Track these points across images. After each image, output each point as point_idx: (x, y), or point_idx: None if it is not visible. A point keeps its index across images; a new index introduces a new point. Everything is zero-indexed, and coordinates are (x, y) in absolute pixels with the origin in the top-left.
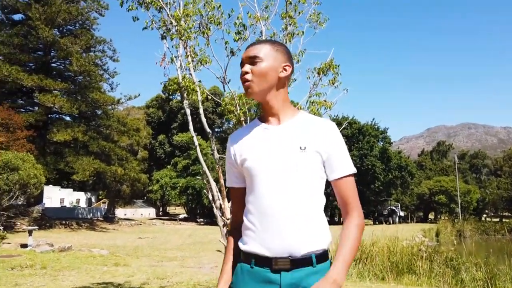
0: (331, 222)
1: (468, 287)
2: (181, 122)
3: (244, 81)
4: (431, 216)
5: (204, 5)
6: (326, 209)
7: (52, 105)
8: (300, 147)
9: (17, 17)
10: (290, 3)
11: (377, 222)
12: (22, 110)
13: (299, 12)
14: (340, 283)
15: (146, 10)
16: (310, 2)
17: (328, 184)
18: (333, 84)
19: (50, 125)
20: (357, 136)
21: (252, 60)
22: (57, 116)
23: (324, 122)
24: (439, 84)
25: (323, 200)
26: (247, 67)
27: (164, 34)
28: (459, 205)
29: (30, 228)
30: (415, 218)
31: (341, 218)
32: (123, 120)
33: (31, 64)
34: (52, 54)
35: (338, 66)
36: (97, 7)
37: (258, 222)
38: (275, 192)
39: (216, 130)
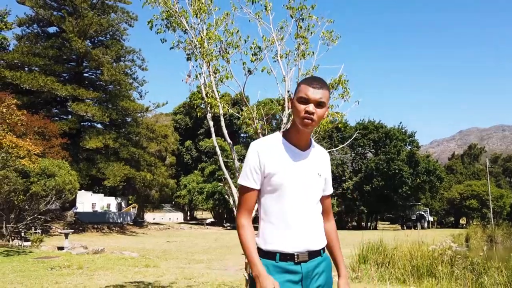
0: (358, 227)
1: None
2: (207, 128)
3: (309, 119)
4: (462, 221)
5: (224, 31)
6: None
7: (84, 114)
8: (318, 174)
9: (51, 29)
10: (301, 27)
11: (405, 227)
12: (56, 118)
13: (311, 32)
14: (348, 275)
15: (173, 31)
16: (324, 21)
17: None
18: (343, 97)
19: (83, 132)
20: (384, 140)
21: (319, 103)
22: (89, 124)
23: (325, 152)
24: (471, 84)
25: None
26: (312, 107)
27: (190, 56)
28: (491, 210)
29: (66, 231)
30: (445, 224)
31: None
32: (152, 127)
33: (64, 75)
34: (84, 64)
35: (347, 81)
36: (126, 18)
37: (282, 226)
38: (298, 206)
39: (242, 135)
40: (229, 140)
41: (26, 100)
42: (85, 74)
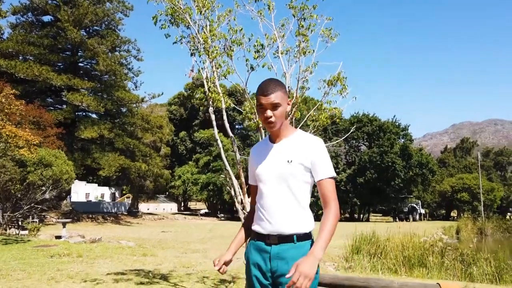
0: (351, 219)
1: (477, 280)
2: (202, 119)
3: (269, 123)
4: (453, 214)
5: (228, 30)
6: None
7: (80, 104)
8: (288, 160)
9: (46, 18)
10: (303, 26)
11: (397, 219)
12: (51, 108)
13: (312, 30)
14: (318, 256)
15: (177, 27)
16: (324, 18)
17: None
18: (341, 94)
19: (78, 122)
20: (378, 133)
21: (274, 106)
22: (84, 114)
23: (311, 139)
24: (464, 79)
25: (307, 197)
26: (269, 113)
27: (193, 52)
28: (482, 203)
29: (64, 221)
30: (437, 216)
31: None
32: (147, 117)
33: (59, 64)
34: (79, 54)
35: (346, 78)
36: (122, 8)
37: (261, 211)
38: (270, 193)
39: (237, 127)
40: (230, 134)
41: (20, 89)
42: (80, 64)
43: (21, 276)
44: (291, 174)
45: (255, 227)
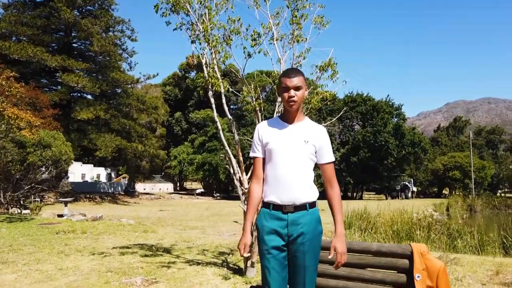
0: (344, 197)
1: (461, 251)
2: (197, 99)
3: (292, 101)
4: (445, 191)
5: (228, 20)
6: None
7: (75, 85)
8: (304, 140)
9: None
10: (296, 16)
11: (389, 197)
12: (46, 89)
13: (305, 19)
14: (343, 233)
15: (177, 14)
16: (316, 6)
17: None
18: (332, 79)
19: (73, 103)
20: (372, 113)
21: (297, 87)
22: (79, 95)
23: (320, 127)
24: (458, 57)
25: (312, 173)
26: (293, 92)
27: (194, 39)
28: (473, 181)
29: (65, 200)
30: (429, 194)
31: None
32: (142, 98)
33: (53, 45)
34: (73, 35)
35: (336, 64)
36: None
37: (275, 184)
38: (287, 167)
39: (231, 107)
40: (229, 117)
41: (15, 70)
42: (74, 45)
43: (32, 250)
44: (306, 152)
45: (271, 197)
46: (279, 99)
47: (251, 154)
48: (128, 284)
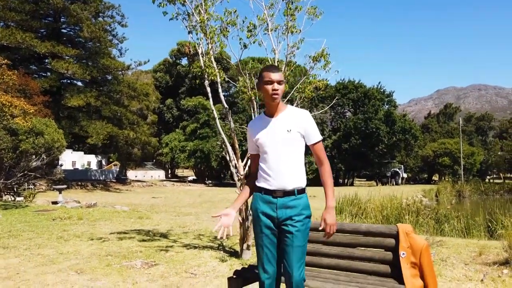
0: (336, 183)
1: (448, 235)
2: (188, 86)
3: (275, 94)
4: (435, 178)
5: (224, 12)
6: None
7: (65, 71)
8: (287, 130)
9: None
10: (290, 8)
11: (380, 183)
12: (35, 76)
13: (299, 10)
14: (333, 206)
15: (173, 4)
16: None
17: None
18: (324, 69)
19: (63, 90)
20: (363, 100)
21: (279, 82)
22: (69, 81)
23: (301, 111)
24: (449, 44)
25: (301, 160)
26: (276, 86)
27: (191, 30)
28: (462, 167)
29: (59, 187)
30: (419, 180)
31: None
32: (133, 85)
33: (42, 31)
34: (62, 20)
35: (329, 54)
36: None
37: (267, 172)
38: (274, 156)
39: (224, 93)
40: (225, 105)
41: (3, 56)
42: (63, 31)
43: (31, 235)
44: (290, 140)
45: (262, 184)
46: None
47: (249, 152)
48: (129, 267)
